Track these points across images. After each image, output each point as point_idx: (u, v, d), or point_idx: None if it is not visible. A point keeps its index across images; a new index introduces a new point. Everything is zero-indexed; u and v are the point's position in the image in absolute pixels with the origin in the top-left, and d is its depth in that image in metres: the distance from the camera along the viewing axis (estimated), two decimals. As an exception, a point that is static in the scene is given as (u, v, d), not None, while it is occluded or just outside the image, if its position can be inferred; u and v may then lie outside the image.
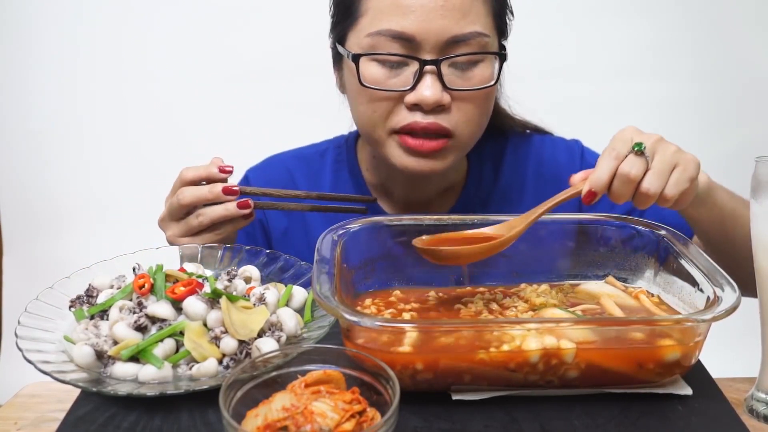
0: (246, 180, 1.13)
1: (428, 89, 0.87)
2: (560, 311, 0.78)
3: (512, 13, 0.96)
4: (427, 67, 0.87)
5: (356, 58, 0.89)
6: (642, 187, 0.77)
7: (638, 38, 1.98)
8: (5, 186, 2.03)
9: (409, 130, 0.90)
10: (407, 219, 0.90)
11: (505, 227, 0.83)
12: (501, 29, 0.94)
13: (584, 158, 1.08)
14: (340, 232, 0.85)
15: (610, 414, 0.69)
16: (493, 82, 0.91)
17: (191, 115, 2.01)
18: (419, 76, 0.87)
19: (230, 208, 0.87)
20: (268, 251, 0.90)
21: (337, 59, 0.98)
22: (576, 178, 0.81)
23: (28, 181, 2.06)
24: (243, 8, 1.96)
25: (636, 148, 0.78)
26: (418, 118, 0.89)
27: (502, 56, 0.92)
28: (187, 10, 1.97)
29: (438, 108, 0.88)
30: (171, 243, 0.90)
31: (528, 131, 1.13)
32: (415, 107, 0.89)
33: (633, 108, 1.90)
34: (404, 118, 0.89)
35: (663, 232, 0.86)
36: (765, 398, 0.73)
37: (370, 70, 0.89)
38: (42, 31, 1.98)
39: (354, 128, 1.10)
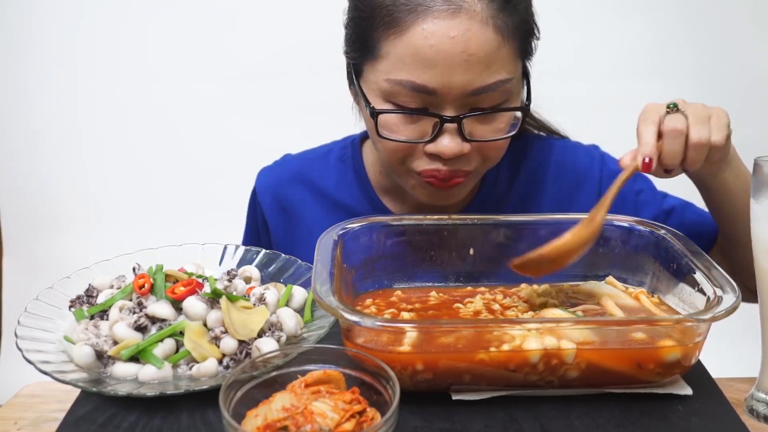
0: (257, 180, 1.13)
1: (449, 143, 0.85)
2: (561, 311, 0.78)
3: (538, 36, 0.91)
4: (448, 125, 0.84)
5: (374, 114, 0.86)
6: (692, 137, 0.78)
7: (637, 38, 1.98)
8: (5, 186, 2.03)
9: (431, 176, 0.88)
10: (407, 219, 0.90)
11: (585, 222, 0.81)
12: (525, 57, 0.90)
13: (605, 163, 1.07)
14: (340, 232, 0.85)
15: (610, 414, 0.69)
16: (513, 132, 0.89)
17: (191, 115, 2.01)
18: (439, 131, 0.85)
19: None
20: (268, 251, 0.90)
21: (352, 81, 0.95)
22: (625, 159, 0.81)
23: (28, 181, 2.06)
24: (244, 8, 1.96)
25: (670, 107, 0.80)
26: (439, 166, 0.87)
27: (524, 109, 0.89)
28: (188, 10, 1.97)
29: (458, 156, 0.87)
30: None
31: (546, 133, 1.12)
32: (435, 156, 0.87)
33: (632, 107, 1.88)
34: (425, 163, 0.88)
35: (663, 232, 0.86)
36: (765, 398, 0.73)
37: (388, 118, 0.86)
38: (42, 31, 1.98)
39: (359, 128, 1.10)
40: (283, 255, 0.90)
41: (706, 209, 0.98)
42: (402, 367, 0.67)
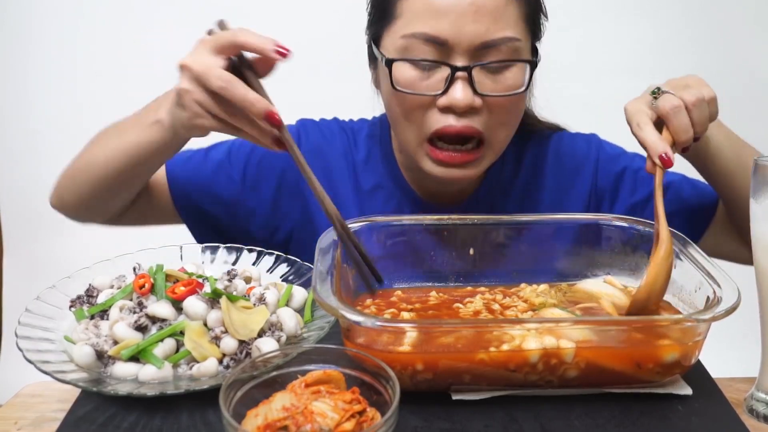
0: (298, 125, 1.12)
1: (459, 93, 0.88)
2: (559, 311, 0.79)
3: (546, 15, 0.97)
4: (459, 73, 0.88)
5: (389, 63, 0.90)
6: (688, 101, 0.80)
7: (638, 37, 1.98)
8: (5, 186, 2.03)
9: (443, 134, 0.90)
10: (407, 219, 0.90)
11: (654, 246, 0.79)
12: (534, 32, 0.95)
13: (602, 147, 1.09)
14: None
15: (610, 414, 0.69)
16: (522, 89, 0.92)
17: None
18: (451, 81, 0.88)
19: (264, 138, 0.79)
20: (268, 251, 0.90)
21: (373, 58, 1.00)
22: (648, 165, 0.81)
23: (28, 181, 2.05)
24: (244, 8, 1.96)
25: (655, 92, 0.82)
26: (452, 122, 0.89)
27: (532, 63, 0.92)
28: (188, 10, 1.97)
29: (470, 111, 0.89)
30: (180, 97, 0.80)
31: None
32: (447, 110, 0.89)
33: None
34: (437, 120, 0.90)
35: (663, 232, 0.86)
36: (765, 398, 0.73)
37: (403, 72, 0.90)
38: (42, 31, 1.98)
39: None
40: (283, 255, 0.90)
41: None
42: (402, 367, 0.67)
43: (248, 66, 0.79)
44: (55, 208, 1.02)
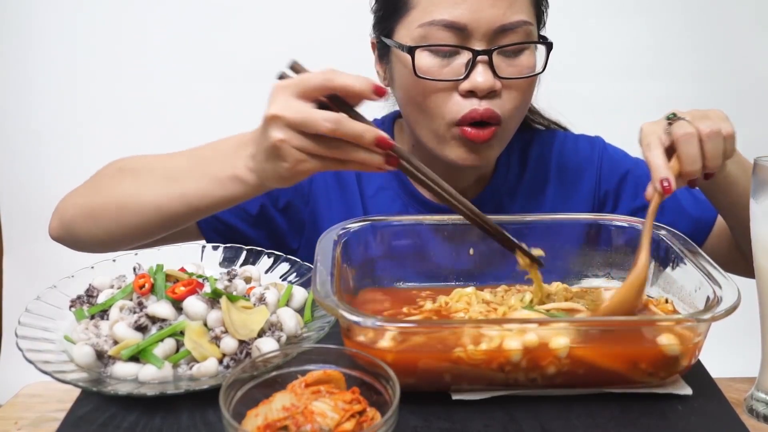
0: None
1: (481, 76, 0.89)
2: (528, 312, 0.78)
3: (547, 1, 0.99)
4: (480, 57, 0.89)
5: (411, 50, 0.91)
6: (703, 132, 0.78)
7: (637, 38, 1.98)
8: (5, 186, 2.03)
9: (470, 120, 0.91)
10: (407, 219, 0.90)
11: (630, 271, 0.79)
12: (539, 17, 0.97)
13: (605, 150, 1.10)
14: (340, 232, 0.85)
15: (610, 414, 0.69)
16: (541, 70, 0.94)
17: (191, 115, 2.00)
18: (472, 66, 0.90)
19: (372, 162, 0.74)
20: (268, 251, 0.90)
21: (384, 54, 1.00)
22: (648, 191, 0.79)
23: (28, 181, 2.05)
24: (244, 8, 1.96)
25: (670, 117, 0.81)
26: (476, 105, 0.91)
27: (549, 45, 0.95)
28: (188, 10, 1.97)
29: (490, 94, 0.91)
30: (277, 149, 0.72)
31: (552, 127, 1.15)
32: (469, 94, 0.91)
33: (633, 108, 1.89)
34: (463, 106, 0.91)
35: (663, 232, 0.86)
36: (765, 398, 0.73)
37: (424, 60, 0.91)
38: (42, 31, 1.98)
39: (388, 111, 1.11)
40: (284, 255, 0.90)
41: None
42: (402, 367, 0.67)
43: (338, 99, 0.73)
44: (57, 240, 0.97)
